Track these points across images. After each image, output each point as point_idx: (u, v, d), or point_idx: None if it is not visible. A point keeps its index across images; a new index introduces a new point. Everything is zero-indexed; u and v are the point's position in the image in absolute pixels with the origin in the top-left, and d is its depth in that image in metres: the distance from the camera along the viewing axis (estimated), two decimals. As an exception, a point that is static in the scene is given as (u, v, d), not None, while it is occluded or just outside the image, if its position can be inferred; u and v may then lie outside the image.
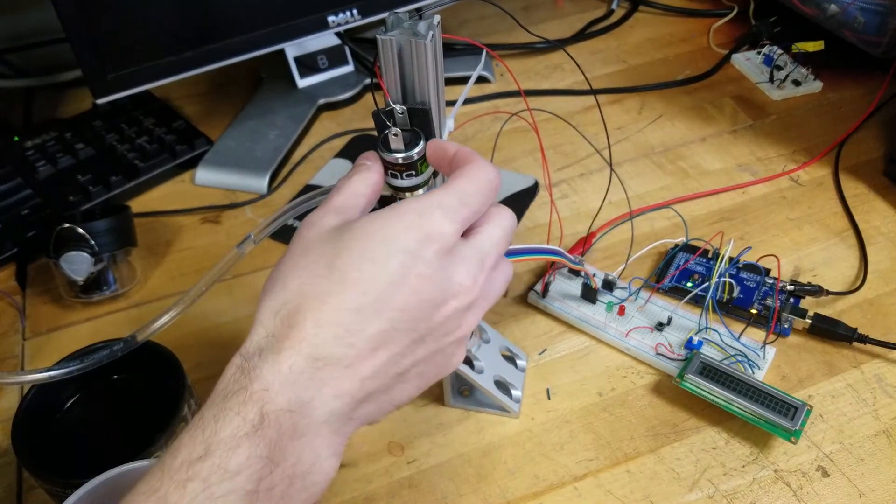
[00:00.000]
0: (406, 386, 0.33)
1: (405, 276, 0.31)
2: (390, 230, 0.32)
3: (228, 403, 0.29)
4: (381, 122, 0.36)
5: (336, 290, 0.31)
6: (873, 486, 0.43)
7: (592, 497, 0.44)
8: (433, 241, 0.32)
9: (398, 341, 0.31)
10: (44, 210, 0.65)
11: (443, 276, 0.32)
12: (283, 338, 0.30)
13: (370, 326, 0.31)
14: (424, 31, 0.34)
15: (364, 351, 0.31)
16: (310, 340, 0.30)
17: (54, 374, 0.40)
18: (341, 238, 0.32)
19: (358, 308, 0.30)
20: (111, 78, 0.62)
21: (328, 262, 0.31)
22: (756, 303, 0.53)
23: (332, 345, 0.30)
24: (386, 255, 0.31)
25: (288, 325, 0.30)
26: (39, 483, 0.41)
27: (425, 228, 0.32)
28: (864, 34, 0.70)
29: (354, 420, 0.31)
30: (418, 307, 0.31)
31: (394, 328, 0.31)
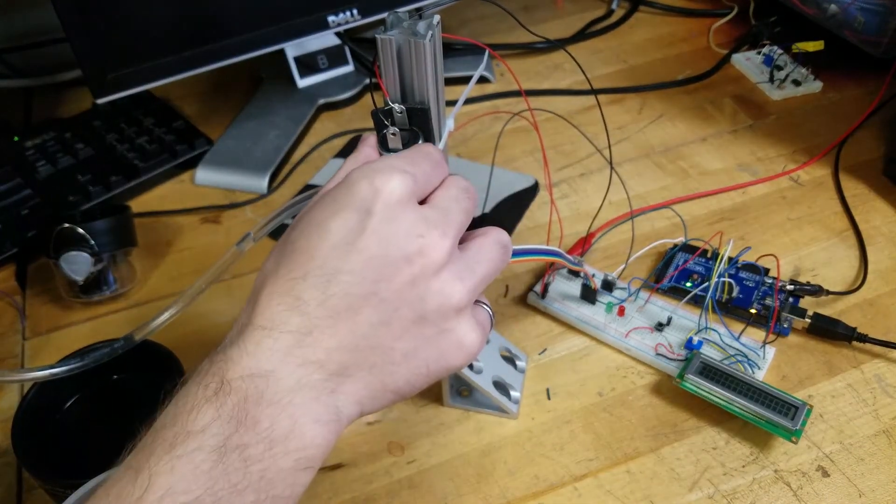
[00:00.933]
0: (396, 368, 0.31)
1: (351, 235, 0.30)
2: (336, 193, 0.31)
3: (193, 380, 0.29)
4: (379, 122, 0.36)
5: (285, 262, 0.30)
6: (873, 486, 0.43)
7: (592, 497, 0.44)
8: (381, 195, 0.30)
9: (358, 308, 0.30)
10: (44, 210, 0.65)
11: (395, 230, 0.30)
12: (244, 321, 0.31)
13: (321, 293, 0.29)
14: (424, 31, 0.34)
15: (321, 319, 0.29)
16: (263, 313, 0.30)
17: (55, 371, 0.40)
18: (303, 214, 0.32)
19: (304, 275, 0.30)
20: (111, 78, 0.62)
21: (286, 237, 0.32)
22: (755, 303, 0.53)
23: (286, 315, 0.29)
24: (330, 217, 0.30)
25: (251, 307, 0.31)
26: (39, 483, 0.41)
27: (371, 183, 0.30)
28: (864, 34, 0.70)
29: (342, 395, 0.30)
30: (371, 267, 0.30)
31: (346, 293, 0.29)
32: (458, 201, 0.33)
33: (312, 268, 0.30)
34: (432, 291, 0.31)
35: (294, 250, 0.30)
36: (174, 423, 0.28)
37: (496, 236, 0.34)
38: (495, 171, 0.66)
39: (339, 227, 0.30)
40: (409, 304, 0.30)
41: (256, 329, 0.30)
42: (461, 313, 0.32)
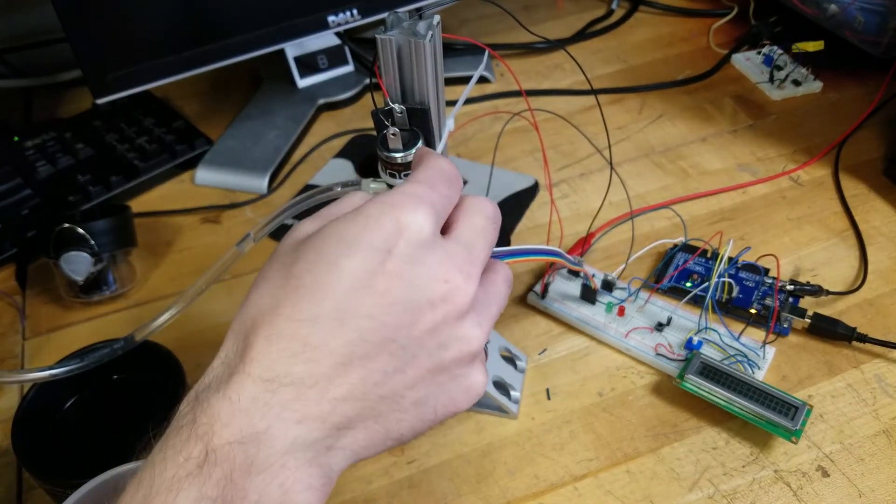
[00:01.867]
0: (403, 416, 0.28)
1: (370, 277, 0.27)
2: (351, 228, 0.28)
3: (172, 441, 0.25)
4: (379, 122, 0.36)
5: (290, 299, 0.27)
6: (873, 486, 0.43)
7: (592, 497, 0.44)
8: (403, 231, 0.27)
9: (374, 356, 0.27)
10: (43, 210, 0.65)
11: (419, 273, 0.27)
12: (234, 363, 0.27)
13: (333, 339, 0.26)
14: (424, 31, 0.34)
15: (330, 367, 0.26)
16: (260, 360, 0.26)
17: (55, 372, 0.40)
18: (304, 243, 0.28)
19: (314, 318, 0.26)
20: (111, 78, 0.62)
21: (286, 270, 0.28)
22: (755, 303, 0.53)
23: (288, 362, 0.26)
24: (345, 254, 0.27)
25: (242, 346, 0.27)
26: (39, 483, 0.41)
27: (393, 220, 0.27)
28: (864, 34, 0.70)
29: (338, 450, 0.27)
30: (391, 312, 0.27)
31: (363, 339, 0.27)
32: (483, 234, 0.30)
33: (324, 310, 0.26)
34: (454, 338, 0.28)
35: (300, 287, 0.27)
36: (149, 498, 0.24)
37: (505, 274, 0.32)
38: (495, 171, 0.66)
39: (357, 266, 0.27)
40: (428, 351, 0.28)
41: (251, 379, 0.26)
42: (475, 358, 0.30)
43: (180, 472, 0.24)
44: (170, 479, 0.24)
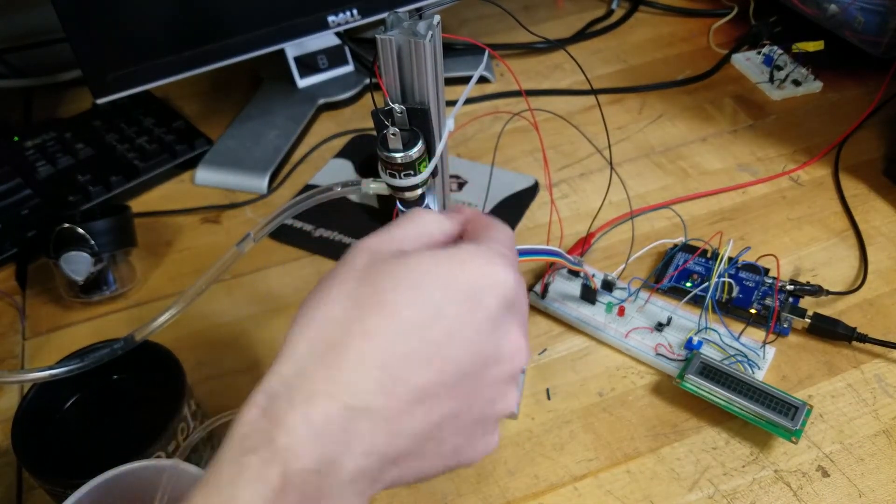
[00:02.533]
0: (438, 459, 0.29)
1: (463, 324, 0.28)
2: (455, 271, 0.28)
3: (249, 459, 0.25)
4: (380, 122, 0.36)
5: (385, 326, 0.27)
6: (873, 486, 0.43)
7: (592, 497, 0.44)
8: (497, 288, 0.29)
9: (444, 399, 0.27)
10: (44, 210, 0.65)
11: (502, 329, 0.29)
12: (316, 378, 0.26)
13: (417, 376, 0.27)
14: (424, 31, 0.34)
15: (404, 404, 0.26)
16: (348, 384, 0.26)
17: (55, 372, 0.40)
18: (397, 268, 0.28)
19: (407, 352, 0.27)
20: (111, 78, 0.62)
21: (379, 292, 0.28)
22: (755, 303, 0.53)
23: (373, 392, 0.26)
24: (446, 297, 0.28)
25: (324, 361, 0.26)
26: (39, 483, 0.41)
27: (491, 276, 0.29)
28: (864, 34, 0.70)
29: (379, 483, 0.27)
30: (471, 362, 0.28)
31: (441, 382, 0.27)
32: (527, 298, 0.32)
33: (416, 347, 0.27)
34: (501, 395, 0.30)
35: (397, 317, 0.27)
36: None
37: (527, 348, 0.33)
38: (495, 171, 0.66)
39: (454, 312, 0.27)
40: (482, 404, 0.29)
41: (336, 403, 0.26)
42: (501, 417, 0.31)
43: (256, 498, 0.24)
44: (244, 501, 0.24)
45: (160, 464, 0.38)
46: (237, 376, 0.52)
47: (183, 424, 0.42)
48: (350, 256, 0.30)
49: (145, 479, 0.38)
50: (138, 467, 0.38)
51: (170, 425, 0.41)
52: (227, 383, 0.52)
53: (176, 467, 0.37)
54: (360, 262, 0.29)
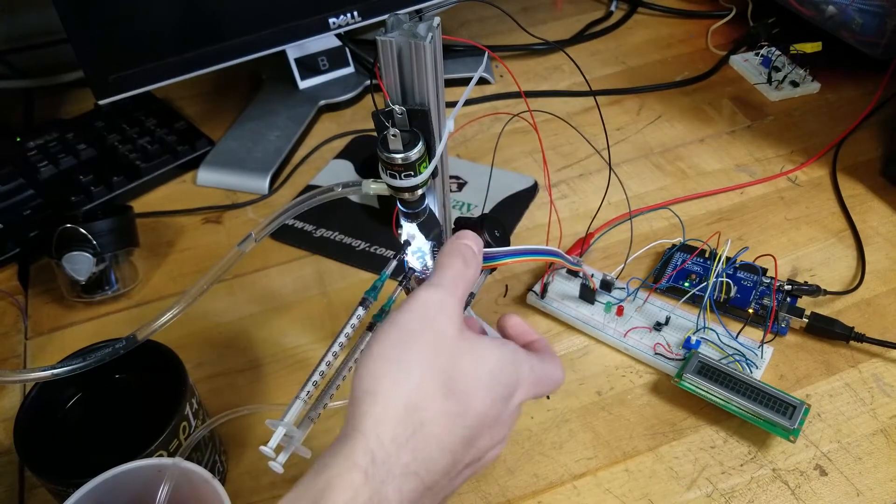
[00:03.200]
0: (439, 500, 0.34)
1: (497, 418, 0.33)
2: (503, 368, 0.33)
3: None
4: (380, 123, 0.36)
5: (455, 413, 0.31)
6: (871, 485, 0.43)
7: (591, 496, 0.44)
8: (518, 392, 0.34)
9: (464, 469, 0.33)
10: (46, 210, 0.65)
11: (508, 424, 0.35)
12: (410, 454, 0.30)
13: (466, 456, 0.32)
14: (424, 33, 0.34)
15: (452, 476, 0.32)
16: (430, 466, 0.30)
17: (57, 371, 0.40)
18: (464, 359, 0.32)
19: (465, 439, 0.31)
20: (113, 79, 0.62)
21: (455, 378, 0.32)
22: (753, 302, 0.53)
23: (442, 474, 0.31)
24: (498, 395, 0.33)
25: (416, 437, 0.30)
26: (41, 482, 0.41)
27: (521, 381, 0.34)
28: (862, 35, 0.70)
29: None
30: (486, 446, 0.33)
31: (470, 459, 0.32)
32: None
33: (469, 436, 0.32)
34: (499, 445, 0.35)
35: (466, 407, 0.32)
36: None
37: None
38: (495, 171, 0.66)
39: (492, 407, 0.33)
40: (474, 467, 0.34)
41: (419, 482, 0.30)
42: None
43: None
44: None
45: (162, 463, 0.38)
46: (238, 375, 0.53)
47: (184, 423, 0.42)
48: (441, 317, 0.33)
49: (147, 478, 0.38)
50: (140, 466, 0.38)
51: (171, 424, 0.41)
52: (229, 382, 0.52)
53: (177, 466, 0.37)
54: (451, 332, 0.33)
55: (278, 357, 0.54)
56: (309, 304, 0.57)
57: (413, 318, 0.33)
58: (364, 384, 0.31)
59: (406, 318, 0.33)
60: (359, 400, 0.31)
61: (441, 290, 0.34)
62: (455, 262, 0.35)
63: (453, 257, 0.36)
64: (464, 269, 0.35)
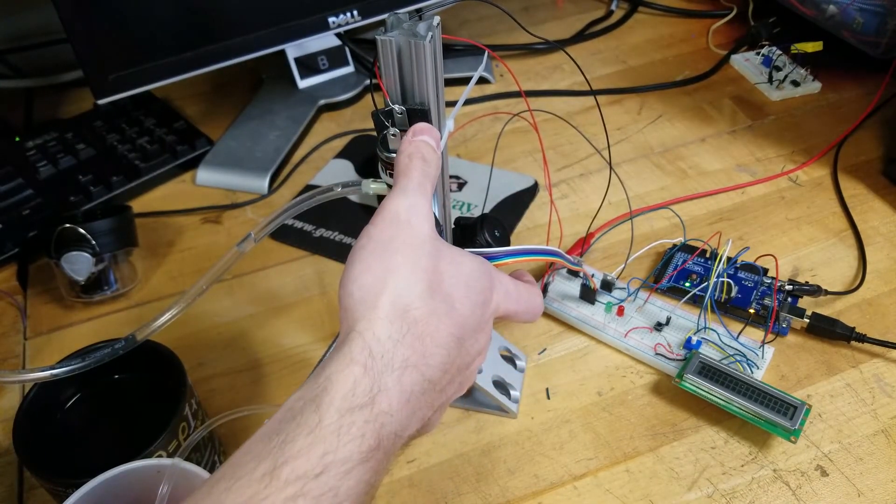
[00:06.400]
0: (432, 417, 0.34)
1: (478, 323, 0.34)
2: (479, 276, 0.35)
3: (353, 418, 0.28)
4: (380, 123, 0.36)
5: (443, 311, 0.32)
6: (872, 486, 0.43)
7: (592, 496, 0.44)
8: (493, 300, 0.36)
9: (456, 374, 0.34)
10: (45, 210, 0.65)
11: (487, 333, 0.36)
12: (408, 348, 0.31)
13: (458, 358, 0.33)
14: (424, 32, 0.34)
15: (448, 377, 0.33)
16: (429, 361, 0.31)
17: (56, 372, 0.40)
18: (443, 261, 0.34)
19: (455, 337, 0.33)
20: (112, 78, 0.62)
21: (438, 280, 0.33)
22: (754, 302, 0.53)
23: (440, 369, 0.32)
24: (477, 301, 0.34)
25: (411, 332, 0.31)
26: (40, 482, 0.41)
27: (496, 290, 0.36)
28: (862, 35, 0.70)
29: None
30: (473, 351, 0.35)
31: (460, 362, 0.33)
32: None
33: (461, 335, 0.33)
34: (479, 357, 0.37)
35: (453, 308, 0.33)
36: (325, 472, 0.27)
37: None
38: (495, 171, 0.66)
39: (479, 313, 0.35)
40: (471, 370, 0.36)
41: (420, 374, 0.31)
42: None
43: (354, 456, 0.28)
44: (345, 458, 0.27)
45: (161, 463, 0.38)
46: (238, 376, 0.53)
47: (184, 424, 0.42)
48: (415, 221, 0.33)
49: (146, 479, 0.38)
50: (139, 467, 0.38)
51: (171, 425, 0.41)
52: (228, 383, 0.52)
53: (177, 467, 0.37)
54: (427, 234, 0.33)
55: (278, 357, 0.53)
56: (309, 305, 0.57)
57: (387, 227, 0.33)
58: (353, 296, 0.32)
59: (380, 230, 0.33)
60: (350, 310, 0.31)
61: (409, 195, 0.34)
62: (416, 164, 0.35)
63: (414, 158, 0.35)
64: (425, 167, 0.35)
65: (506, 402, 0.48)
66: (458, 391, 0.35)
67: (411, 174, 0.34)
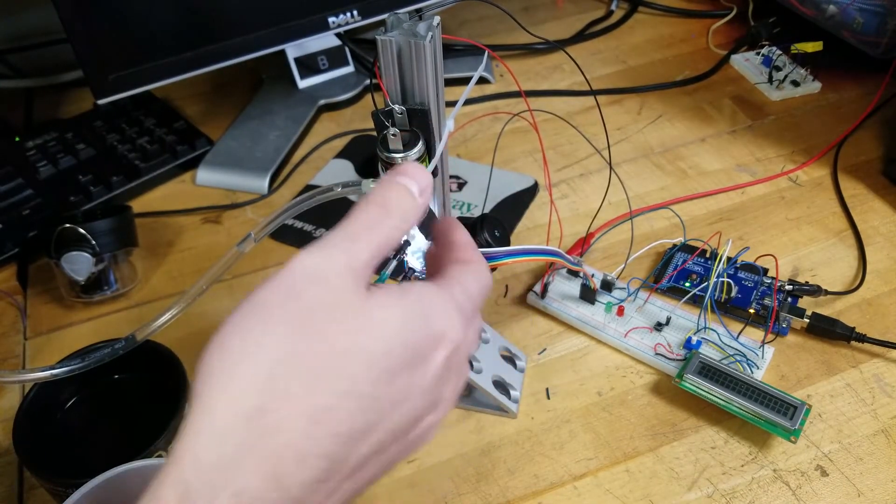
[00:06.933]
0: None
1: (404, 393, 0.26)
2: (408, 332, 0.26)
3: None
4: (380, 123, 0.36)
5: (324, 408, 0.23)
6: (872, 486, 0.43)
7: (592, 496, 0.44)
8: (442, 346, 0.27)
9: (362, 466, 0.25)
10: (45, 210, 0.65)
11: (431, 388, 0.27)
12: (244, 476, 0.22)
13: (350, 459, 0.24)
14: (424, 32, 0.34)
15: (342, 484, 0.25)
16: (286, 484, 0.23)
17: (56, 372, 0.40)
18: (339, 332, 0.25)
19: (346, 437, 0.24)
20: (112, 78, 0.62)
21: (320, 365, 0.24)
22: (754, 302, 0.53)
23: (312, 489, 0.23)
24: (389, 369, 0.25)
25: (254, 453, 0.23)
26: (40, 482, 0.41)
27: (444, 332, 0.27)
28: (862, 35, 0.70)
29: None
30: (399, 428, 0.26)
31: (352, 464, 0.25)
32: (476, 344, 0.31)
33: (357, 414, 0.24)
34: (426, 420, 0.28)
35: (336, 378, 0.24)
36: None
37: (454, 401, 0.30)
38: (495, 171, 0.66)
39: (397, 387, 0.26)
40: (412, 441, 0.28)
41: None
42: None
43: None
44: None
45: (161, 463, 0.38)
46: (238, 376, 0.52)
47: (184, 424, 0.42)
48: (313, 290, 0.25)
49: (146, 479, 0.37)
50: (139, 467, 0.38)
51: (171, 425, 0.41)
52: (228, 383, 0.52)
53: (177, 466, 0.37)
54: (325, 303, 0.25)
55: (278, 357, 0.53)
56: (309, 304, 0.57)
57: (274, 291, 0.25)
58: (196, 384, 0.24)
59: (264, 294, 0.25)
60: (191, 403, 0.24)
61: (324, 250, 0.25)
62: (369, 210, 0.27)
63: (370, 203, 0.27)
64: (381, 217, 0.27)
65: (506, 402, 0.48)
66: (394, 461, 0.27)
67: (350, 222, 0.27)
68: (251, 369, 0.23)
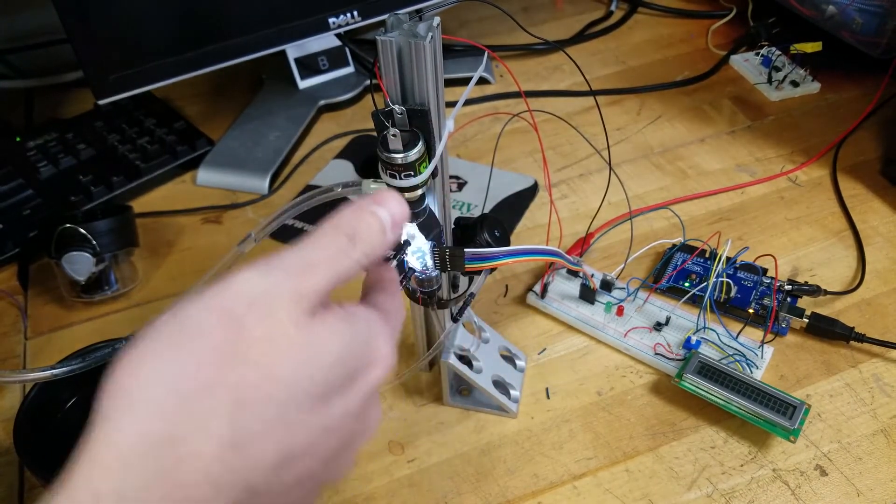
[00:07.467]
0: None
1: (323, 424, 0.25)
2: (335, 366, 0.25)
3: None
4: (380, 123, 0.36)
5: (233, 442, 0.22)
6: (871, 485, 0.43)
7: (591, 496, 0.44)
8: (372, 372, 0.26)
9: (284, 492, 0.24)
10: (45, 210, 0.65)
11: (352, 418, 0.26)
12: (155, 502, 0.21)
13: (273, 486, 0.23)
14: (424, 33, 0.34)
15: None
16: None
17: (56, 372, 0.40)
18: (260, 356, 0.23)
19: (267, 467, 0.23)
20: (113, 79, 0.62)
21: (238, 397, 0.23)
22: (754, 302, 0.53)
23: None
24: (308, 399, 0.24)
25: (159, 486, 0.21)
26: (41, 482, 0.41)
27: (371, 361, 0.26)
28: (862, 35, 0.70)
29: None
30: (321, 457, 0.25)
31: (275, 491, 0.24)
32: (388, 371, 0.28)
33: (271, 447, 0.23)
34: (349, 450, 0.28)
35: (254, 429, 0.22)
36: None
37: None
38: (495, 171, 0.66)
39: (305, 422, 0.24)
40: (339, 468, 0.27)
41: None
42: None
43: None
44: None
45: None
46: (238, 376, 0.53)
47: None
48: (251, 317, 0.23)
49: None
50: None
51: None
52: (228, 383, 0.52)
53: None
54: (258, 335, 0.23)
55: (278, 357, 0.54)
56: (309, 304, 0.57)
57: (211, 310, 0.23)
58: (102, 401, 0.22)
59: (198, 313, 0.23)
60: (92, 427, 0.22)
61: (273, 276, 0.24)
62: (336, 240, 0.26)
63: (338, 231, 0.26)
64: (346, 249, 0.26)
65: (506, 402, 0.48)
66: (327, 481, 0.26)
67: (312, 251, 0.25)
68: (165, 393, 0.21)
